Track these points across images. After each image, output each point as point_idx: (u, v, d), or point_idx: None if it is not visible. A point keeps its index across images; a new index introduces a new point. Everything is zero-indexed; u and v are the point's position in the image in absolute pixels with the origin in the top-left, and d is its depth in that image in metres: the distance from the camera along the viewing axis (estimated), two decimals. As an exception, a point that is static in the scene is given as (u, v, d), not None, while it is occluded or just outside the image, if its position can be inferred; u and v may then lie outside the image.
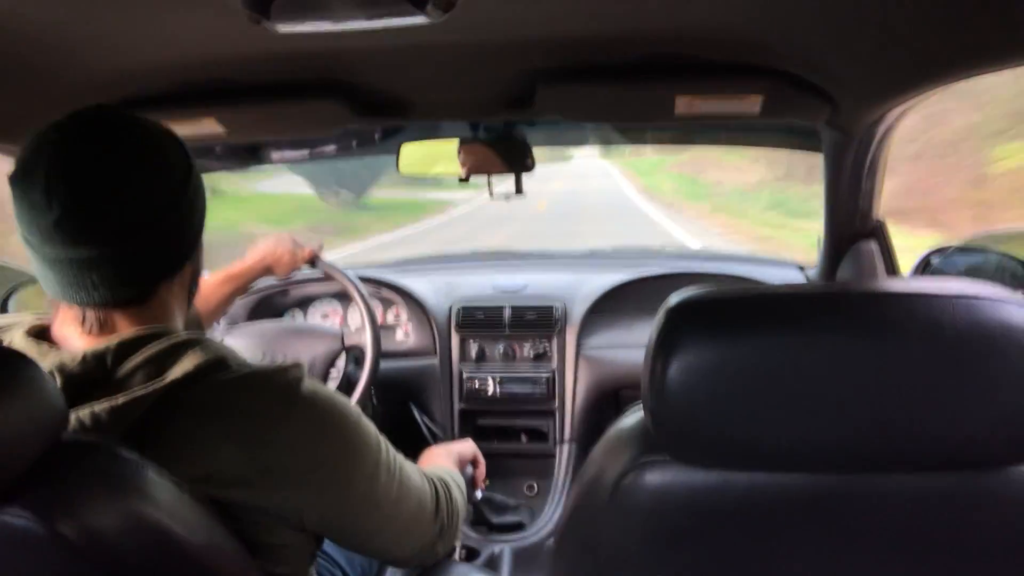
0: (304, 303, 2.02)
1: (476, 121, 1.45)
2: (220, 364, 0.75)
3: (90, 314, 0.75)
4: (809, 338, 0.58)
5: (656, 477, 0.64)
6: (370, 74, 1.11)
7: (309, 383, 0.78)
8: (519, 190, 1.52)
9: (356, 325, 1.59)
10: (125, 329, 0.76)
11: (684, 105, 1.10)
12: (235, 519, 0.74)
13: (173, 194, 0.75)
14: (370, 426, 0.85)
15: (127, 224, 0.71)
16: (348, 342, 1.60)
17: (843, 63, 0.98)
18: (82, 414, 0.70)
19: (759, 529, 0.64)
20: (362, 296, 1.55)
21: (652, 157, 21.78)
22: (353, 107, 1.17)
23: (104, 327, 0.76)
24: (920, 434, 0.58)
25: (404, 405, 1.93)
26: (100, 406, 0.69)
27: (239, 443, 0.73)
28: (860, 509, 0.62)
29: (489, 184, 1.53)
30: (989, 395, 0.57)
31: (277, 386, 0.75)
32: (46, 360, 0.72)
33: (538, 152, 1.48)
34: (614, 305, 1.92)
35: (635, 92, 1.09)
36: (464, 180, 1.47)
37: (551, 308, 1.88)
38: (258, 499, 0.75)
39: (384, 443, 0.86)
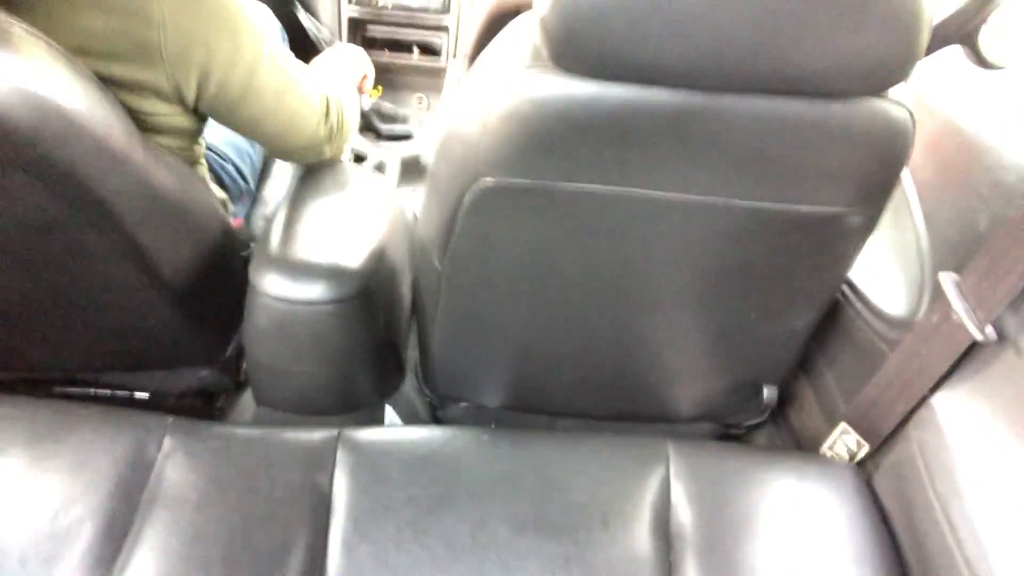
0: None
1: None
2: None
3: None
4: None
5: (539, 86, 0.68)
6: None
7: None
8: None
9: None
10: None
11: None
12: (116, 92, 0.77)
13: None
14: (256, 15, 0.84)
15: None
16: None
17: None
18: None
19: (627, 139, 0.71)
20: None
21: None
22: None
23: None
24: (785, 59, 0.63)
25: (287, 6, 1.81)
26: None
27: (112, 13, 0.73)
28: (717, 126, 0.69)
29: None
30: (854, 30, 0.61)
31: None
32: None
33: None
34: None
35: None
36: None
37: None
38: (136, 73, 0.77)
39: (271, 35, 0.86)
